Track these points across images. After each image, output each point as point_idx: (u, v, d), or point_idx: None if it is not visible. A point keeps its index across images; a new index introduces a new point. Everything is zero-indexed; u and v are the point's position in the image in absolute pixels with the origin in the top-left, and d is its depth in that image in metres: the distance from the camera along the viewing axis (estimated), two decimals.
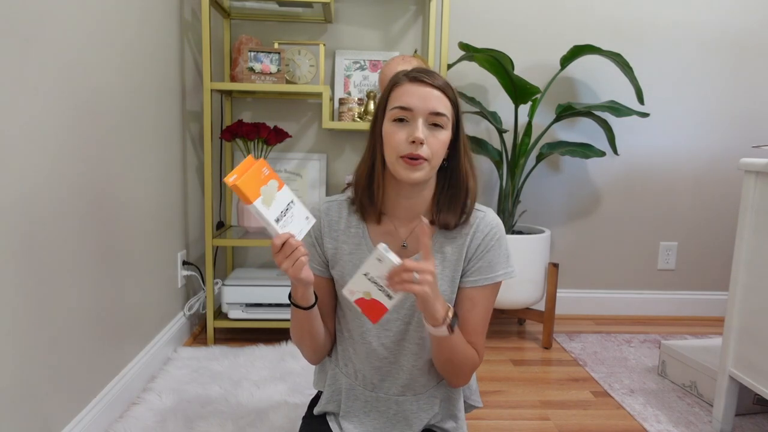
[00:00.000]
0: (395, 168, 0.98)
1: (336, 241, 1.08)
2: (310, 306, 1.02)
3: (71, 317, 1.28)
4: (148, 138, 1.72)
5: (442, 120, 0.97)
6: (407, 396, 1.11)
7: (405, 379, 1.10)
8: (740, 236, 1.47)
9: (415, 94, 0.96)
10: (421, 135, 0.94)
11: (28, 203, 1.10)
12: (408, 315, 1.05)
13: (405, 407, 1.11)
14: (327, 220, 1.08)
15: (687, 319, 2.58)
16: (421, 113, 0.96)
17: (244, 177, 0.88)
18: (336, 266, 1.08)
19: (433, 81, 0.97)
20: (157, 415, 1.50)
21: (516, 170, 2.19)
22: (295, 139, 2.39)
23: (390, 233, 1.06)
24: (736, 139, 2.52)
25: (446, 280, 1.05)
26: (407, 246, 1.06)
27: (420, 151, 0.95)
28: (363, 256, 1.05)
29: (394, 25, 2.35)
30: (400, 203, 1.04)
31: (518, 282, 2.11)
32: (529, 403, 1.70)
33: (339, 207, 1.09)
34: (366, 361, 1.09)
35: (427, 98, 0.96)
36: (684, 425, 1.57)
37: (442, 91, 0.98)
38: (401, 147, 0.96)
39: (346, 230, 1.07)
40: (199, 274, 2.25)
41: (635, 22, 2.41)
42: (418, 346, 1.08)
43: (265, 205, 0.90)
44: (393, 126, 0.97)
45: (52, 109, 1.18)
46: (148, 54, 1.71)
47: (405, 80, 0.99)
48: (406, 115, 0.96)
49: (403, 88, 0.98)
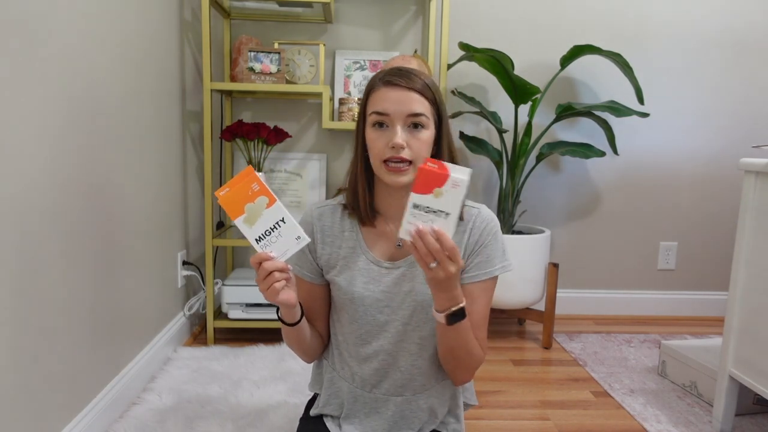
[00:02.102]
0: (380, 173, 0.99)
1: (331, 246, 1.07)
2: (294, 323, 1.03)
3: (71, 317, 1.28)
4: (147, 138, 1.72)
5: (422, 120, 0.97)
6: (406, 396, 1.11)
7: (403, 379, 1.09)
8: (740, 236, 1.47)
9: (391, 99, 0.96)
10: (399, 140, 0.95)
11: (27, 203, 1.10)
12: (407, 316, 1.05)
13: (404, 407, 1.11)
14: (320, 226, 1.08)
15: (687, 319, 2.58)
16: (399, 117, 0.96)
17: (230, 192, 0.87)
18: (332, 271, 1.08)
19: (408, 83, 0.96)
20: (157, 415, 1.50)
21: (516, 170, 2.19)
22: (295, 139, 2.39)
23: (384, 234, 1.06)
24: (736, 139, 2.52)
25: None
26: (402, 245, 1.06)
27: (402, 155, 0.96)
28: (358, 259, 1.05)
29: (394, 25, 2.35)
30: (392, 203, 1.05)
31: (518, 282, 2.11)
32: (529, 403, 1.70)
33: (332, 212, 1.09)
34: (364, 363, 1.09)
35: (403, 101, 0.96)
36: (684, 425, 1.57)
37: (419, 92, 0.97)
38: (383, 152, 0.96)
39: (340, 234, 1.07)
40: (199, 274, 2.25)
41: (635, 22, 2.41)
42: (418, 346, 1.07)
43: (247, 224, 0.89)
44: (373, 132, 0.98)
45: (52, 109, 1.18)
46: (148, 54, 1.71)
47: (380, 85, 0.98)
48: (384, 120, 0.97)
49: (379, 93, 0.98)
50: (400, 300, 1.05)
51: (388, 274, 1.05)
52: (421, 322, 1.06)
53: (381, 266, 1.05)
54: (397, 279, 1.05)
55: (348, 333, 1.09)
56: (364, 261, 1.06)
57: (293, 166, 2.36)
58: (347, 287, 1.05)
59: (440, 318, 0.94)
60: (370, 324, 1.06)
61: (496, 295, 2.13)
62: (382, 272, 1.05)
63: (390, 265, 1.05)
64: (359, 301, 1.05)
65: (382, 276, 1.05)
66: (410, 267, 1.05)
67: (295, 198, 2.36)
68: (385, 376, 1.09)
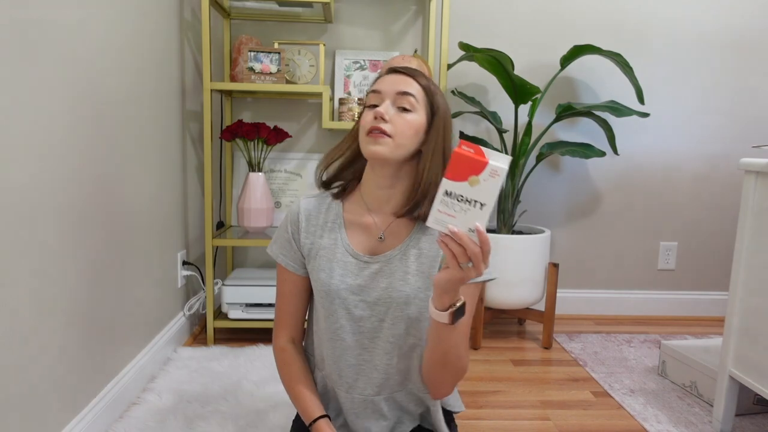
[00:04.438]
0: (363, 146, 1.01)
1: (313, 236, 1.07)
2: None
3: (71, 317, 1.28)
4: (147, 138, 1.72)
5: (409, 100, 0.99)
6: (383, 396, 1.09)
7: (380, 378, 1.07)
8: (740, 236, 1.47)
9: (387, 80, 1.02)
10: (382, 109, 0.98)
11: (27, 203, 1.10)
12: (382, 312, 1.03)
13: (381, 407, 1.09)
14: (306, 215, 1.08)
15: (687, 319, 2.58)
16: (389, 95, 1.00)
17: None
18: (311, 261, 1.07)
19: (408, 71, 1.02)
20: (157, 415, 1.50)
21: (516, 170, 2.19)
22: (295, 139, 2.39)
23: (368, 226, 1.06)
24: (736, 139, 2.52)
25: (422, 276, 1.03)
26: (383, 238, 1.05)
27: (383, 126, 0.98)
28: (338, 251, 1.05)
29: (394, 25, 2.35)
30: (376, 194, 1.05)
31: (518, 282, 2.11)
32: (529, 403, 1.70)
33: (319, 202, 1.10)
34: (341, 359, 1.07)
35: (396, 82, 1.01)
36: (684, 425, 1.57)
37: (414, 79, 1.01)
38: (368, 125, 1.00)
39: (323, 225, 1.07)
40: (199, 274, 2.25)
41: (635, 22, 2.41)
42: (391, 345, 1.05)
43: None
44: (366, 111, 1.03)
45: (51, 108, 1.18)
46: (148, 54, 1.71)
47: (384, 74, 1.04)
48: (376, 100, 1.01)
49: (380, 79, 1.04)
50: (376, 295, 1.03)
51: (367, 267, 1.03)
52: (397, 320, 1.03)
53: (360, 259, 1.04)
54: (374, 273, 1.03)
55: (324, 329, 1.07)
56: (342, 253, 1.04)
57: (293, 166, 2.36)
58: (325, 279, 1.04)
59: (444, 317, 0.89)
60: (346, 318, 1.04)
61: (496, 295, 2.13)
62: (360, 265, 1.04)
63: (369, 259, 1.04)
64: (335, 293, 1.03)
65: (360, 269, 1.03)
66: (388, 262, 1.03)
67: (295, 198, 2.36)
68: (361, 373, 1.07)
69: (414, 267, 1.03)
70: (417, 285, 1.03)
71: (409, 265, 1.03)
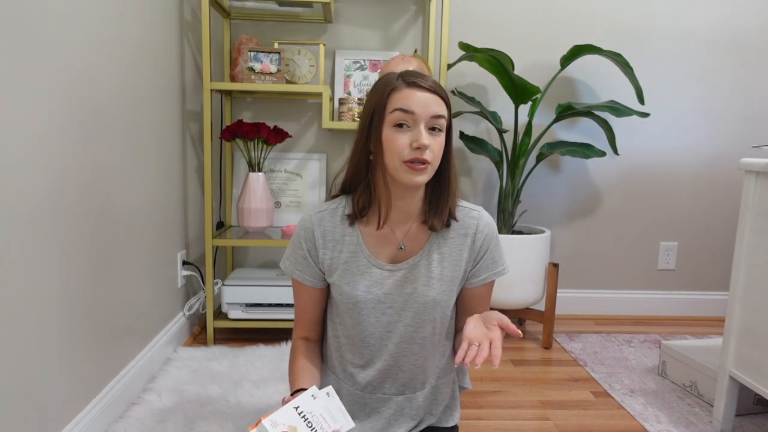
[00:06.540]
0: (399, 173, 0.97)
1: (332, 251, 1.07)
2: None
3: (70, 317, 1.28)
4: (147, 138, 1.72)
5: (441, 123, 0.98)
6: (406, 394, 1.12)
7: (405, 378, 1.10)
8: (740, 236, 1.47)
9: (416, 99, 0.96)
10: (426, 141, 0.95)
11: (27, 203, 1.10)
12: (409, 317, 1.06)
13: (404, 405, 1.12)
14: (321, 231, 1.07)
15: (687, 319, 2.58)
16: (423, 118, 0.97)
17: None
18: (333, 275, 1.08)
19: (432, 87, 0.99)
20: (157, 415, 1.50)
21: (516, 170, 2.19)
22: (295, 139, 2.39)
23: (386, 236, 1.06)
24: (736, 139, 2.52)
25: (446, 280, 1.06)
26: (404, 248, 1.06)
27: (425, 156, 0.96)
28: (360, 263, 1.05)
29: (394, 25, 2.35)
30: (395, 205, 1.05)
31: (518, 282, 2.11)
32: (529, 403, 1.69)
33: (331, 216, 1.08)
34: (368, 365, 1.09)
35: (429, 103, 0.97)
36: (684, 425, 1.57)
37: (441, 97, 0.99)
38: (405, 152, 0.96)
39: (341, 239, 1.07)
40: (199, 274, 2.25)
41: (635, 22, 2.41)
42: (420, 346, 1.08)
43: None
44: (394, 132, 0.97)
45: (51, 108, 1.18)
46: (147, 54, 1.71)
47: (402, 84, 0.98)
48: (407, 119, 0.96)
49: (403, 93, 0.97)
50: (402, 302, 1.05)
51: (391, 276, 1.06)
52: (423, 323, 1.06)
53: (383, 269, 1.06)
54: (399, 281, 1.05)
55: (353, 336, 1.09)
56: (365, 264, 1.06)
57: (293, 166, 2.36)
58: (350, 291, 1.05)
59: None
60: (374, 326, 1.07)
61: (496, 295, 2.13)
62: (384, 275, 1.05)
63: (392, 268, 1.06)
64: (362, 304, 1.05)
65: (384, 278, 1.05)
66: (412, 269, 1.06)
67: (295, 198, 2.36)
68: (387, 376, 1.10)
69: (437, 271, 1.06)
70: (441, 288, 1.06)
71: (432, 270, 1.06)
